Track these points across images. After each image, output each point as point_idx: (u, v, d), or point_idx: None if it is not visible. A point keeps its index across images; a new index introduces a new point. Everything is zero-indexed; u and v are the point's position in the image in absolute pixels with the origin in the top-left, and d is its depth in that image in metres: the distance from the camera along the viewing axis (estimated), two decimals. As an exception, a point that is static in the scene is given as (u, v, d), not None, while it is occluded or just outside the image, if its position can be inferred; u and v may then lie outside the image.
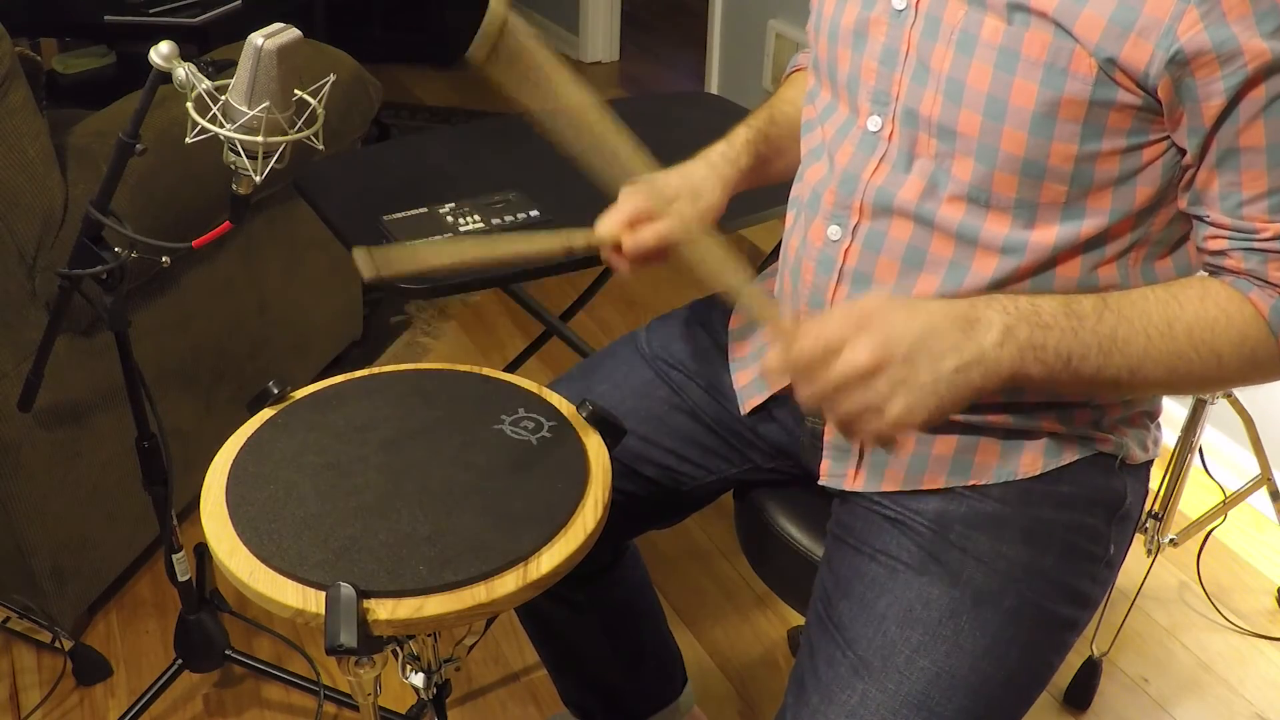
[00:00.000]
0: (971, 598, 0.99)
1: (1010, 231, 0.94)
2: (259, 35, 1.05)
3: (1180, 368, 0.89)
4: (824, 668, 1.01)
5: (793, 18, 3.25)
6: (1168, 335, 0.88)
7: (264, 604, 0.89)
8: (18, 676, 1.74)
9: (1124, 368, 0.89)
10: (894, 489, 1.05)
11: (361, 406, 1.07)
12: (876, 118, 0.99)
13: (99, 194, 1.22)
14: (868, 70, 0.99)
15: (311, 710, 1.71)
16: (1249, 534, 2.10)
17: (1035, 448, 1.02)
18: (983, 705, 0.97)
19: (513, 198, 1.45)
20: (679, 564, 2.00)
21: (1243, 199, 0.88)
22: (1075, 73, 0.86)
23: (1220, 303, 0.89)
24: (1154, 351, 0.88)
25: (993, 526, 1.01)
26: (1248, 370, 0.92)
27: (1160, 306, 0.89)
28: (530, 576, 0.89)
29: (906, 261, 0.98)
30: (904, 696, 0.96)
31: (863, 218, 1.00)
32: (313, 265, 2.21)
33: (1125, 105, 0.87)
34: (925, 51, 0.94)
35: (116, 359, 1.35)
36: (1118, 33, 0.84)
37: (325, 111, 1.14)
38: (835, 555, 1.08)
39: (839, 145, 1.03)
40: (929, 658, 0.97)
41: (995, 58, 0.89)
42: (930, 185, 0.96)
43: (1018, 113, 0.89)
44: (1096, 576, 1.04)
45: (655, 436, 1.20)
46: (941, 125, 0.93)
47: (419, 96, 4.13)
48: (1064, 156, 0.89)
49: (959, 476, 1.03)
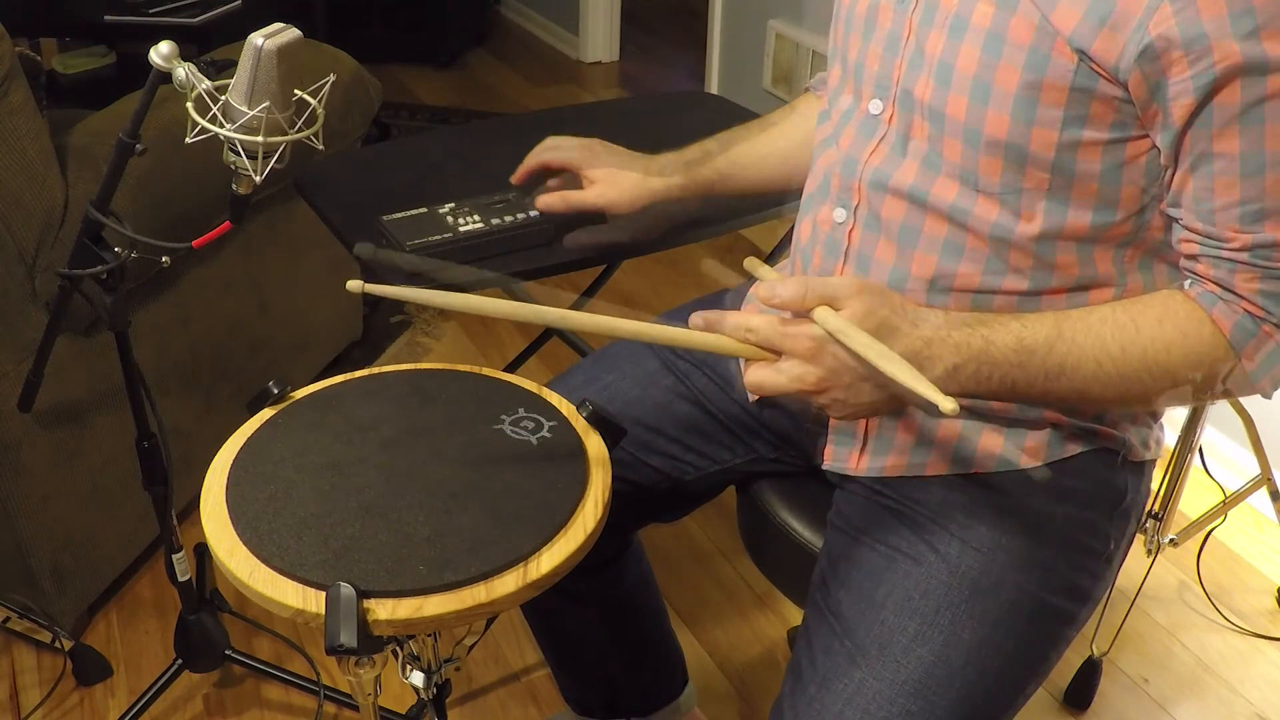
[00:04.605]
0: (970, 588, 0.99)
1: (999, 216, 0.95)
2: (259, 35, 1.05)
3: (1132, 389, 0.92)
4: (821, 656, 1.01)
5: (793, 18, 3.25)
6: (1120, 360, 0.90)
7: (264, 604, 0.89)
8: (18, 676, 1.74)
9: (1071, 390, 0.92)
10: (897, 474, 1.06)
11: (361, 406, 1.07)
12: (878, 101, 1.01)
13: (99, 194, 1.22)
14: (872, 56, 1.01)
15: (311, 710, 1.71)
16: (1249, 534, 2.10)
17: (1038, 437, 1.03)
18: (979, 695, 0.98)
19: (512, 198, 1.45)
20: (679, 564, 2.00)
21: (1215, 206, 0.88)
22: (1057, 58, 0.87)
23: (1179, 323, 0.90)
24: (1103, 376, 0.91)
25: (994, 518, 1.02)
26: (1205, 387, 0.93)
27: (1116, 331, 0.90)
28: (530, 576, 0.89)
29: (903, 241, 1.00)
30: (901, 685, 0.96)
31: (861, 199, 1.02)
32: (313, 265, 2.21)
33: (1107, 96, 0.87)
34: (922, 36, 0.96)
35: (116, 359, 1.35)
36: (1091, 25, 0.85)
37: (325, 111, 1.14)
38: (834, 544, 1.09)
39: (843, 129, 1.05)
40: (926, 647, 0.97)
41: (983, 41, 0.90)
42: (924, 167, 0.97)
43: (1000, 95, 0.90)
44: (1096, 572, 1.05)
45: (660, 425, 1.21)
46: (932, 108, 0.95)
47: (419, 96, 4.13)
48: (1045, 143, 0.90)
49: (962, 464, 1.04)
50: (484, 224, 1.40)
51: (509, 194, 1.46)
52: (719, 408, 1.21)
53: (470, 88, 4.23)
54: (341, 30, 3.89)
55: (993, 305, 0.98)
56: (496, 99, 4.11)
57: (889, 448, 1.07)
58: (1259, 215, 0.86)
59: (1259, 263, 0.87)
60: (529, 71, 4.42)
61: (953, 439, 1.04)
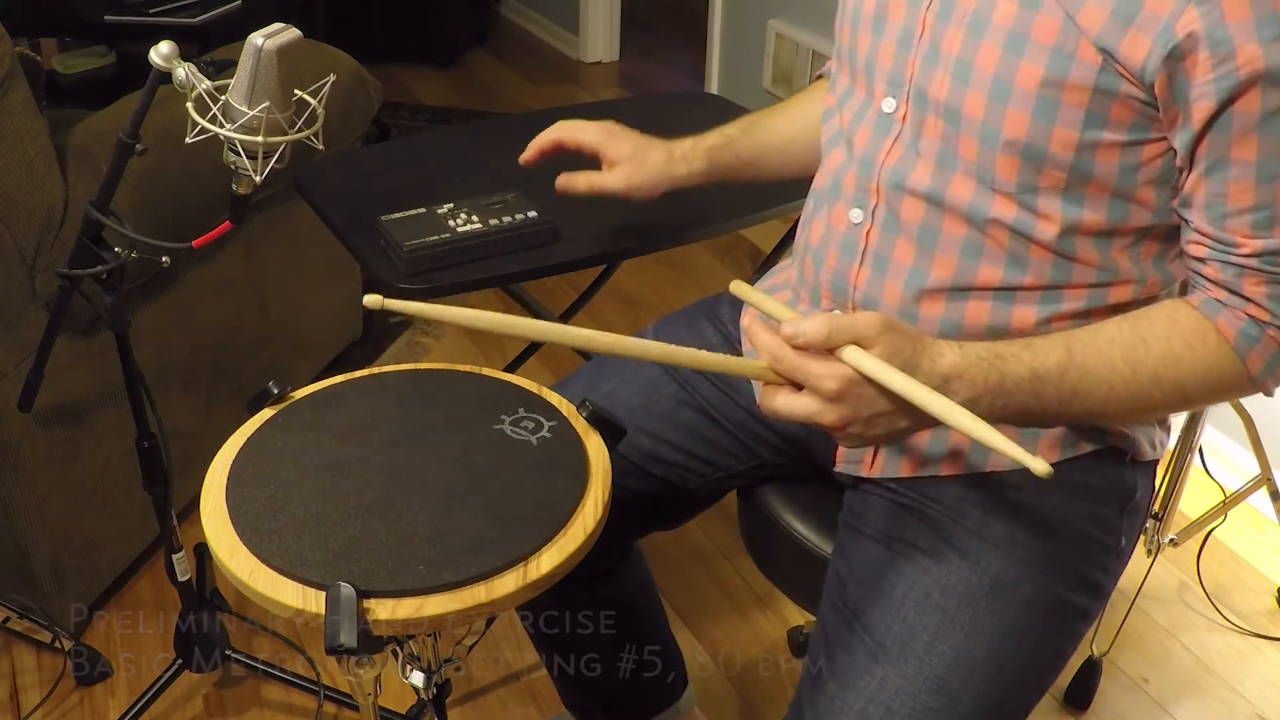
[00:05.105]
0: (989, 584, 0.99)
1: (1016, 215, 0.95)
2: (259, 35, 1.05)
3: (1143, 404, 0.92)
4: (841, 654, 1.01)
5: (793, 18, 3.25)
6: (1131, 380, 0.91)
7: (264, 604, 0.89)
8: (18, 676, 1.74)
9: (1084, 412, 0.93)
10: (910, 475, 1.06)
11: (361, 407, 1.07)
12: (891, 99, 1.00)
13: (99, 194, 1.22)
14: (885, 53, 1.01)
15: (311, 710, 1.71)
16: (1249, 534, 2.10)
17: (1051, 436, 1.03)
18: (999, 690, 0.98)
19: (511, 198, 1.45)
20: (679, 565, 2.00)
21: (1227, 210, 0.88)
22: (1081, 59, 0.87)
23: (1186, 336, 0.91)
24: (1115, 397, 0.91)
25: (1009, 514, 1.02)
26: (1214, 396, 0.95)
27: (1125, 352, 0.91)
28: (530, 576, 0.89)
29: (922, 242, 0.99)
30: (923, 681, 0.96)
31: (880, 199, 1.02)
32: (313, 265, 2.21)
33: (1128, 97, 0.87)
34: (938, 33, 0.95)
35: (116, 359, 1.35)
36: (1118, 25, 0.85)
37: (325, 111, 1.14)
38: (849, 543, 1.08)
39: (856, 129, 1.04)
40: (948, 643, 0.97)
41: (1005, 40, 0.90)
42: (939, 167, 0.97)
43: (1021, 95, 0.89)
44: (1108, 567, 1.05)
45: (663, 433, 1.20)
46: (948, 107, 0.94)
47: (419, 96, 4.13)
48: (1065, 143, 0.90)
49: (976, 463, 1.04)
50: (482, 224, 1.40)
51: (508, 194, 1.46)
52: (723, 414, 1.21)
53: (470, 88, 4.23)
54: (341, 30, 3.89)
55: (1014, 303, 0.98)
56: (496, 99, 4.11)
57: (902, 450, 1.06)
58: (1270, 221, 0.87)
59: (1267, 268, 0.88)
60: (529, 72, 4.42)
61: (967, 441, 1.04)
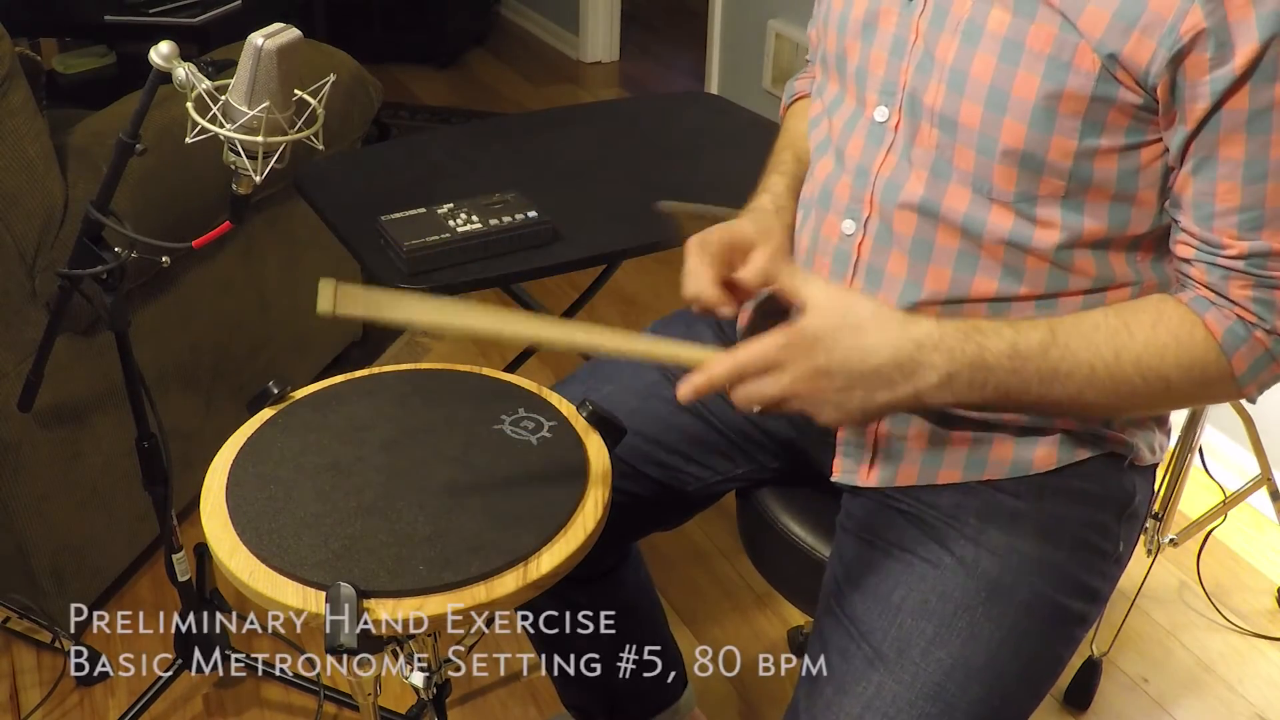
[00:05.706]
0: (987, 590, 0.99)
1: (1014, 224, 0.94)
2: (259, 35, 1.05)
3: (1125, 393, 0.91)
4: (838, 660, 1.00)
5: (793, 18, 3.25)
6: (1114, 365, 0.90)
7: (264, 604, 0.89)
8: (18, 676, 1.74)
9: (1064, 396, 0.91)
10: (908, 484, 1.06)
11: (361, 406, 1.07)
12: (884, 108, 0.99)
13: (99, 194, 1.22)
14: (876, 61, 0.99)
15: (311, 710, 1.71)
16: (1249, 534, 2.10)
17: (1049, 443, 1.02)
18: (997, 697, 0.97)
19: (511, 198, 1.45)
20: (679, 565, 2.00)
21: (1215, 211, 0.88)
22: (1078, 67, 0.86)
23: (1172, 328, 0.90)
24: (1097, 381, 0.90)
25: (1007, 521, 1.02)
26: (1198, 392, 0.94)
27: (1110, 337, 0.90)
28: (530, 576, 0.89)
29: (914, 254, 0.98)
30: (920, 688, 0.96)
31: (873, 211, 1.00)
32: (313, 265, 2.21)
33: (1126, 103, 0.87)
34: (932, 41, 0.94)
35: (116, 359, 1.35)
36: (1121, 28, 0.84)
37: (325, 111, 1.14)
38: (847, 548, 1.08)
39: (848, 139, 1.03)
40: (945, 649, 0.97)
41: (999, 49, 0.89)
42: (933, 177, 0.96)
43: (1019, 105, 0.89)
44: (1106, 573, 1.05)
45: (661, 437, 1.20)
46: (943, 116, 0.93)
47: (419, 96, 4.13)
48: (1063, 151, 0.89)
49: (974, 472, 1.04)
50: (482, 224, 1.40)
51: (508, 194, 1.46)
52: (721, 419, 1.20)
53: (470, 88, 4.23)
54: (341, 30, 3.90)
55: (1009, 312, 0.97)
56: (496, 99, 4.11)
57: (899, 459, 1.06)
58: (1257, 223, 0.86)
59: (1254, 270, 0.87)
60: (529, 71, 4.42)
61: (964, 448, 1.03)
